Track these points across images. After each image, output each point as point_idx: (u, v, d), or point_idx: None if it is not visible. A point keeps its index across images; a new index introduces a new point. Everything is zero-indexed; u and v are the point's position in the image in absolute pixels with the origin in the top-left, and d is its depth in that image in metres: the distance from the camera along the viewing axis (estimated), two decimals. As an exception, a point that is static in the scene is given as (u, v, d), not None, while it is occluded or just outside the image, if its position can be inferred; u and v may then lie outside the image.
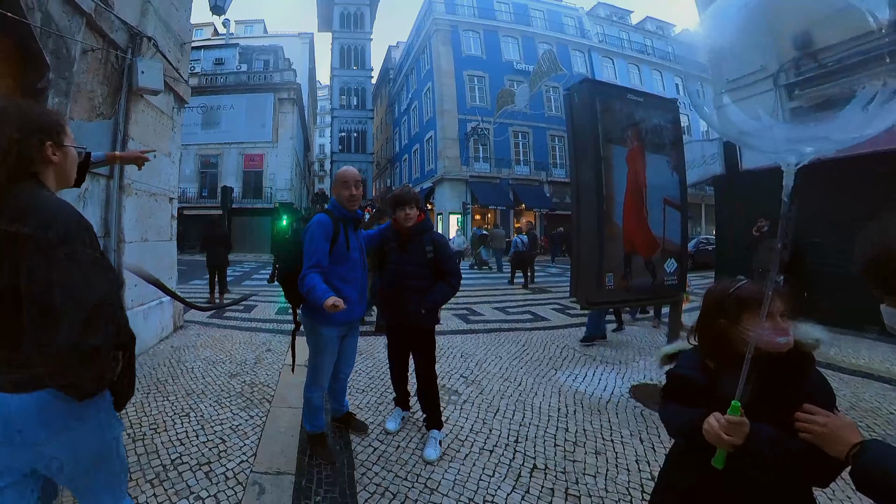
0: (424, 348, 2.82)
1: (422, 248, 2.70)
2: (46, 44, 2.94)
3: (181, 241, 5.78)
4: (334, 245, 2.35)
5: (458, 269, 2.82)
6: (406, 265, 2.72)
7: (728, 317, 1.15)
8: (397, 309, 2.77)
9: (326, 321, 2.38)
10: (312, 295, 2.18)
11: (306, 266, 2.29)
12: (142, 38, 4.15)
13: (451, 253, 2.84)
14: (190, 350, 4.50)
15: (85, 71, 3.52)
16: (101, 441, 1.18)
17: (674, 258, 3.97)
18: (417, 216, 2.71)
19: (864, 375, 4.19)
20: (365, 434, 2.87)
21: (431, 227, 2.81)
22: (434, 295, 2.67)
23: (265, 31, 35.61)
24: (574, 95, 3.80)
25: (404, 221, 2.68)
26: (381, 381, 3.84)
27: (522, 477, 2.43)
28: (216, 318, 6.02)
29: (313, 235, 2.32)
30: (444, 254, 2.73)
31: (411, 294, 2.66)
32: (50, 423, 1.06)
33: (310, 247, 2.31)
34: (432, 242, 2.71)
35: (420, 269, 2.69)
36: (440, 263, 2.70)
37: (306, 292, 2.23)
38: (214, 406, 3.22)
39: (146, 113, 4.39)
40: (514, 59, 25.47)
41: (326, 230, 2.34)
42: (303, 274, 2.27)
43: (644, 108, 3.92)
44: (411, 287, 2.67)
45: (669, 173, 4.01)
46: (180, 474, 2.34)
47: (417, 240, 2.72)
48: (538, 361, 4.44)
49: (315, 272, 2.26)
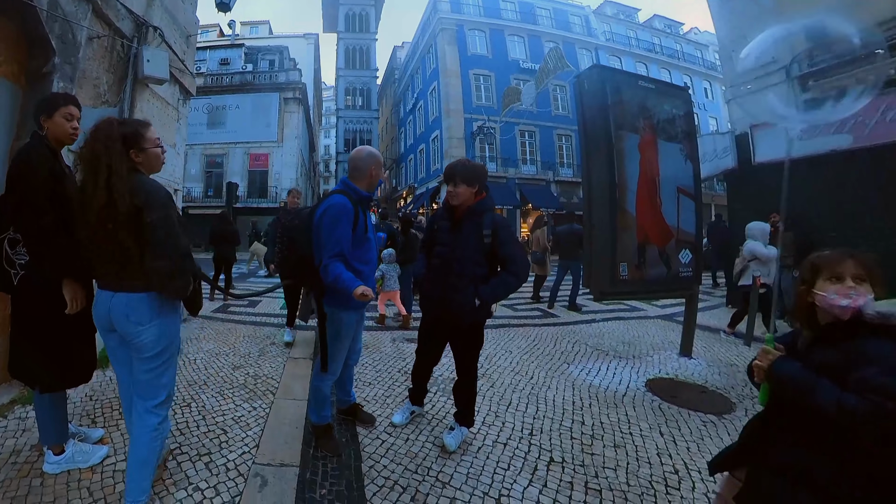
0: (471, 343, 2.54)
1: (478, 232, 2.37)
2: (52, 28, 2.89)
3: (187, 238, 5.74)
4: (355, 228, 2.23)
5: (523, 255, 2.43)
6: (458, 249, 2.41)
7: (806, 283, 1.19)
8: (441, 298, 2.46)
9: (347, 305, 2.28)
10: (341, 284, 2.08)
11: (330, 254, 2.16)
12: (148, 28, 4.11)
13: (513, 237, 2.44)
14: (193, 342, 4.42)
15: (91, 58, 3.46)
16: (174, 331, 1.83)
17: (688, 249, 3.85)
18: (474, 196, 2.43)
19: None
20: (372, 426, 2.77)
21: (492, 208, 2.48)
22: (493, 287, 2.35)
23: (270, 32, 35.71)
24: (584, 82, 3.71)
25: (452, 200, 2.41)
26: (388, 374, 3.75)
27: (539, 470, 2.32)
28: (220, 313, 5.95)
29: (334, 220, 2.18)
30: (505, 237, 2.37)
31: (466, 283, 2.36)
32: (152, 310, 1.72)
33: (333, 233, 2.17)
34: (492, 224, 2.37)
35: (475, 254, 2.38)
36: (499, 248, 2.35)
37: (333, 280, 2.12)
38: (216, 397, 3.13)
39: (151, 103, 4.33)
40: (520, 58, 25.37)
41: (349, 215, 2.20)
42: (325, 263, 2.16)
43: (656, 96, 3.82)
44: (465, 274, 2.37)
45: (683, 162, 3.91)
46: (179, 464, 2.24)
47: (474, 221, 2.41)
48: (549, 356, 4.32)
49: (338, 260, 2.15)
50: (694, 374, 3.79)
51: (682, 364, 4.01)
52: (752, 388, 3.42)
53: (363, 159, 2.37)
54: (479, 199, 2.45)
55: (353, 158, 2.40)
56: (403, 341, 4.77)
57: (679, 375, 3.75)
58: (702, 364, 4.01)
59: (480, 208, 2.43)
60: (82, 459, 2.11)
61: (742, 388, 3.50)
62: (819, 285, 1.14)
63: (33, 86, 2.97)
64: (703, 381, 3.65)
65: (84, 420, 2.62)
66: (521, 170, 24.16)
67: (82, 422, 2.59)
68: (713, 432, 2.73)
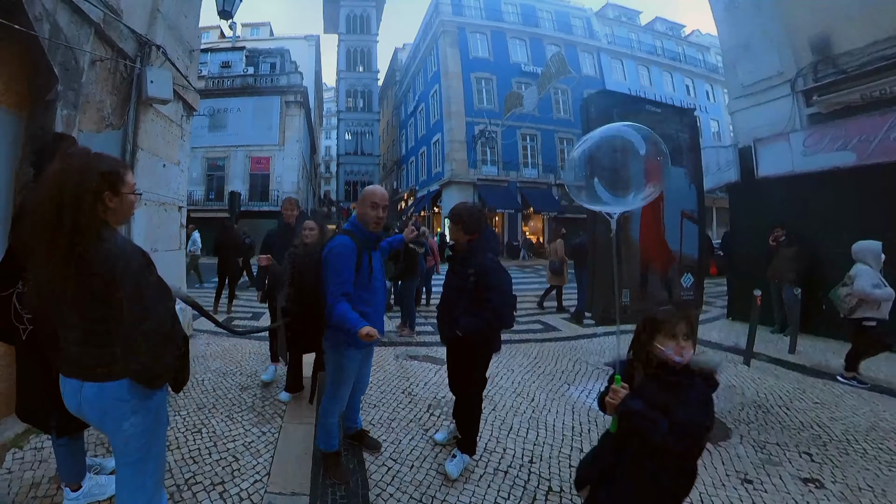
0: (460, 358, 2.73)
1: (466, 272, 2.54)
2: (55, 56, 2.89)
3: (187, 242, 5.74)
4: (358, 271, 2.30)
5: (500, 302, 2.49)
6: (449, 284, 2.73)
7: (646, 333, 1.51)
8: (438, 317, 2.81)
9: (351, 343, 2.34)
10: (347, 324, 2.14)
11: (334, 294, 2.23)
12: (150, 47, 4.11)
13: (497, 282, 2.50)
14: (200, 361, 4.48)
15: (94, 81, 3.49)
16: (158, 422, 1.54)
17: (690, 273, 3.90)
18: (466, 237, 2.60)
19: (883, 391, 4.08)
20: (378, 453, 2.83)
21: (483, 251, 2.59)
22: (467, 323, 2.51)
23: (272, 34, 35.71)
24: (591, 107, 3.75)
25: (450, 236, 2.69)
26: (393, 395, 3.80)
27: (538, 500, 2.38)
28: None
29: (339, 263, 2.26)
30: (488, 282, 2.48)
31: (451, 312, 2.63)
32: (134, 396, 1.43)
33: (337, 276, 2.25)
34: (477, 268, 2.50)
35: (461, 291, 2.57)
36: (482, 290, 2.47)
37: (338, 320, 2.18)
38: (226, 421, 3.19)
39: (155, 122, 4.37)
40: (521, 61, 25.40)
41: (351, 258, 2.28)
42: (331, 303, 2.23)
43: (662, 120, 3.86)
44: (452, 306, 2.65)
45: (687, 185, 3.95)
46: (195, 495, 2.30)
47: (465, 261, 2.59)
48: (550, 375, 4.37)
49: (344, 300, 2.22)
50: (693, 396, 3.83)
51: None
52: (748, 414, 3.51)
53: (360, 201, 2.46)
54: (471, 240, 2.60)
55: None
56: (406, 358, 4.82)
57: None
58: (701, 385, 4.05)
59: (471, 250, 2.60)
60: (99, 492, 2.16)
61: (739, 412, 3.55)
62: (658, 339, 1.46)
63: (36, 114, 2.98)
64: (701, 404, 3.70)
65: (99, 449, 2.69)
66: (523, 173, 24.20)
67: (97, 451, 2.65)
68: (707, 461, 2.78)
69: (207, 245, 10.50)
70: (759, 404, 3.72)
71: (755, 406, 3.68)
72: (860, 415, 3.56)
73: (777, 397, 3.89)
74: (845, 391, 4.10)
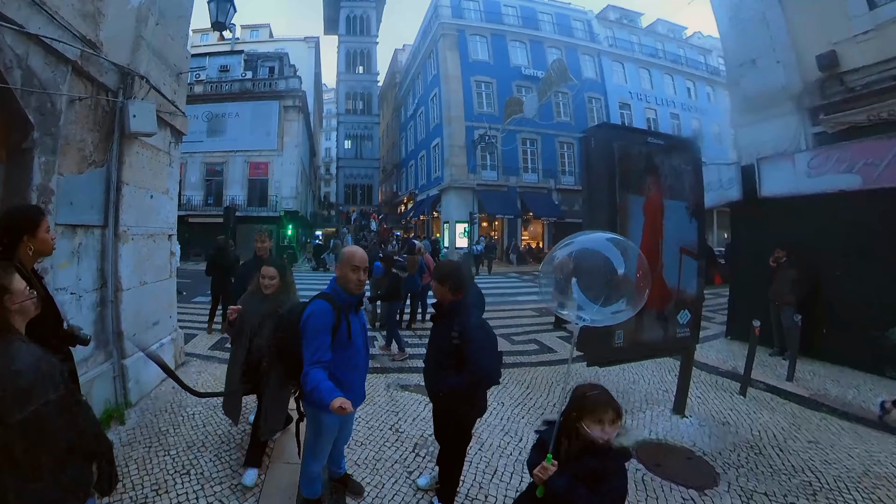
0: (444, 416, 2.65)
1: (449, 331, 2.47)
2: (28, 101, 2.80)
3: (186, 248, 5.67)
4: (335, 335, 2.24)
5: (479, 362, 2.38)
6: (433, 343, 2.70)
7: (576, 413, 1.65)
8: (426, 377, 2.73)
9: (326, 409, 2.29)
10: (317, 394, 2.06)
11: (309, 362, 2.17)
12: (133, 77, 3.97)
13: (479, 343, 2.42)
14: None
15: (73, 121, 3.37)
16: None
17: (688, 309, 3.82)
18: (450, 295, 2.53)
19: (883, 429, 3.99)
20: (361, 497, 2.84)
21: (465, 310, 2.54)
22: (449, 381, 2.45)
23: (271, 36, 35.66)
24: (591, 140, 3.67)
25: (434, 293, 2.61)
26: (380, 432, 3.76)
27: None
28: (217, 352, 5.95)
29: (314, 329, 2.20)
30: (469, 339, 2.41)
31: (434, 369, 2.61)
32: None
33: (312, 342, 2.19)
34: (460, 328, 2.43)
35: (443, 351, 2.52)
36: (463, 349, 2.40)
37: (310, 391, 2.11)
38: (214, 461, 3.18)
39: (141, 154, 4.28)
40: (522, 65, 25.27)
41: (327, 323, 2.22)
42: (305, 371, 2.16)
43: (664, 151, 3.76)
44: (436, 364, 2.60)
45: (688, 220, 3.86)
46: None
47: (449, 319, 2.52)
48: (541, 409, 4.30)
49: (318, 367, 2.15)
50: (684, 436, 3.76)
51: (674, 424, 3.98)
52: (739, 456, 3.46)
53: (340, 264, 2.41)
54: (455, 299, 2.54)
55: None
56: (397, 388, 4.76)
57: (668, 439, 3.73)
58: (693, 424, 3.98)
59: (455, 309, 2.54)
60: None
61: (730, 454, 3.48)
62: (587, 422, 1.60)
63: (14, 161, 2.91)
64: (692, 444, 3.63)
65: None
66: (523, 178, 24.13)
67: None
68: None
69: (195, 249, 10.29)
70: (751, 444, 3.65)
71: (748, 447, 3.60)
72: (854, 457, 3.48)
73: (771, 436, 3.81)
74: (842, 427, 4.02)
